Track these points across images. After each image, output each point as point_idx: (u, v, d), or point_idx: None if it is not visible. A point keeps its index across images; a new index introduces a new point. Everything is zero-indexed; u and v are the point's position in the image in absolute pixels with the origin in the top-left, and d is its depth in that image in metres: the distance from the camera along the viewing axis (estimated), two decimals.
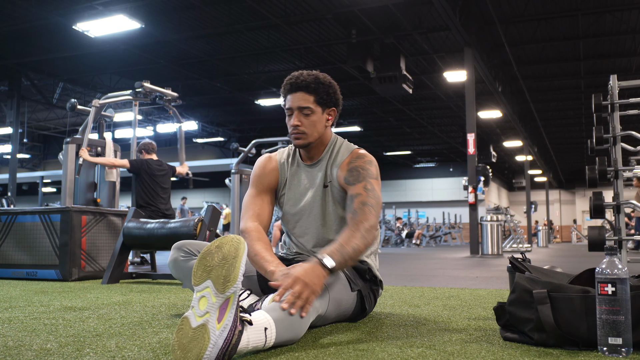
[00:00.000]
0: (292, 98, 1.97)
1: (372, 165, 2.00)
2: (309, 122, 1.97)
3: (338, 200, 2.03)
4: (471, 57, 10.84)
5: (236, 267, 1.35)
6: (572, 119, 19.46)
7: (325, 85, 1.99)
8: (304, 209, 2.07)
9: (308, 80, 1.96)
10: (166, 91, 6.71)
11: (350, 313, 1.95)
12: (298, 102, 1.96)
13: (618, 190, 4.40)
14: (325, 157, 2.06)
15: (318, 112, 1.98)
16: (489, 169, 12.58)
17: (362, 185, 1.94)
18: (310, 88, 1.95)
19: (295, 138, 1.99)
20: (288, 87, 1.98)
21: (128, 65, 13.85)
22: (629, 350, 1.37)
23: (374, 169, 2.00)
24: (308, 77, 1.97)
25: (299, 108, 1.96)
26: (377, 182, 1.99)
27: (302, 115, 1.97)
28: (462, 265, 6.52)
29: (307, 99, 1.96)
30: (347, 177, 1.97)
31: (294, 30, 11.52)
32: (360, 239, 1.82)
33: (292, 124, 1.97)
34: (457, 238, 22.71)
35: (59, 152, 6.54)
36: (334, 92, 2.01)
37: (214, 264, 1.37)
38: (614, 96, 4.51)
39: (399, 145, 24.88)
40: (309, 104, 1.96)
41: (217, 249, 1.39)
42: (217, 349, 1.31)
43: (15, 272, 4.26)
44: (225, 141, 22.72)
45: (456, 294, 3.04)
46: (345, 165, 2.01)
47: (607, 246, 1.44)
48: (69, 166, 6.06)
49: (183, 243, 1.95)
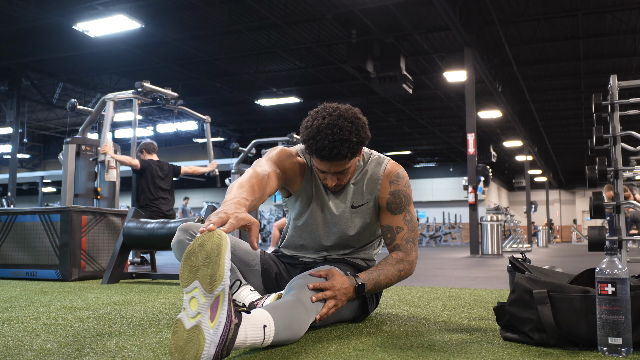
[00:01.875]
0: (327, 165, 1.83)
1: (409, 186, 2.01)
2: (345, 175, 1.89)
3: (366, 216, 2.00)
4: (471, 57, 10.84)
5: (221, 265, 1.34)
6: (572, 119, 19.47)
7: (360, 143, 1.82)
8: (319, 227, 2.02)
9: (343, 152, 1.76)
10: (166, 91, 6.72)
11: (350, 315, 1.96)
12: (335, 168, 1.84)
13: (618, 190, 4.40)
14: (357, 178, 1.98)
15: (354, 161, 1.88)
16: (489, 169, 12.59)
17: (403, 217, 1.98)
18: (347, 157, 1.80)
19: (332, 187, 1.91)
20: (319, 156, 1.79)
21: (128, 65, 13.85)
22: (629, 350, 1.37)
23: (410, 190, 2.02)
24: (342, 148, 1.75)
25: (335, 173, 1.86)
26: (412, 205, 2.03)
27: (340, 174, 1.87)
28: (462, 265, 6.52)
29: (343, 163, 1.83)
30: (390, 204, 1.96)
31: (294, 30, 11.52)
32: (396, 274, 1.93)
33: (330, 185, 1.89)
34: (457, 238, 22.70)
35: (59, 152, 6.54)
36: (366, 136, 1.84)
37: (199, 264, 1.35)
38: (614, 96, 4.51)
39: (399, 145, 24.88)
40: (346, 165, 1.84)
41: (200, 247, 1.37)
42: (214, 346, 1.31)
43: (15, 272, 4.26)
44: (225, 141, 22.72)
45: (456, 294, 3.04)
46: (387, 185, 1.96)
47: (607, 246, 1.44)
48: (69, 166, 6.07)
49: (189, 225, 1.89)
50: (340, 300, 1.76)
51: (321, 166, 1.85)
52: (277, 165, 1.89)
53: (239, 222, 1.44)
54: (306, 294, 1.69)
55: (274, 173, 1.84)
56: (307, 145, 1.80)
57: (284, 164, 1.92)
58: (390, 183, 1.97)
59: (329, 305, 1.73)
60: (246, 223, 1.46)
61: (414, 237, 1.99)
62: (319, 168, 1.87)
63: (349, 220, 1.99)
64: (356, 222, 1.99)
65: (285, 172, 1.92)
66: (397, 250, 1.97)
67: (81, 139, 6.35)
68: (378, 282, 1.89)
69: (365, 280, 1.85)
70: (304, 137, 1.81)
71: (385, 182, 1.96)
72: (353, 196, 1.97)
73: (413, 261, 1.97)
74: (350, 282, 1.81)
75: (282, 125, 19.61)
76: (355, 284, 1.82)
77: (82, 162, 6.19)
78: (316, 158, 1.82)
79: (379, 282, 1.89)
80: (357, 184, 1.98)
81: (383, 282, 1.90)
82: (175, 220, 3.87)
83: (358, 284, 1.83)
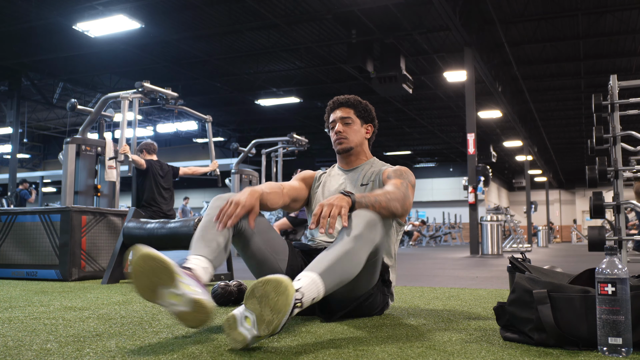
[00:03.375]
0: (336, 112, 2.30)
1: (412, 176, 2.17)
2: (350, 129, 2.27)
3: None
4: (471, 57, 10.84)
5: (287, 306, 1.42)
6: (572, 119, 19.47)
7: (363, 104, 2.32)
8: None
9: (348, 98, 2.31)
10: (166, 91, 6.71)
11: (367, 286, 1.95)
12: (340, 114, 2.27)
13: (618, 190, 4.40)
14: (366, 167, 2.30)
15: (357, 123, 2.29)
16: (489, 169, 12.59)
17: (400, 180, 2.08)
18: (350, 103, 2.29)
19: (338, 143, 2.27)
20: (331, 105, 2.32)
21: (128, 65, 13.85)
22: (629, 350, 1.37)
23: (414, 179, 2.16)
24: (349, 97, 2.31)
25: (341, 118, 2.27)
26: (413, 187, 2.12)
27: (344, 124, 2.27)
28: (462, 265, 6.52)
29: (347, 111, 2.28)
30: (390, 174, 2.14)
31: (294, 30, 11.52)
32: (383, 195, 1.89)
33: (335, 130, 2.26)
34: (457, 238, 22.71)
35: (59, 152, 6.54)
36: (370, 110, 2.34)
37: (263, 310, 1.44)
38: (614, 96, 4.51)
39: (399, 145, 24.88)
40: (350, 114, 2.28)
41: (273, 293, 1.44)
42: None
43: (15, 272, 4.26)
44: (225, 141, 22.72)
45: (456, 294, 3.04)
46: (390, 168, 2.21)
47: (607, 246, 1.44)
48: (69, 166, 6.06)
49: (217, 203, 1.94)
50: (335, 202, 1.74)
51: (332, 116, 2.31)
52: (300, 179, 2.35)
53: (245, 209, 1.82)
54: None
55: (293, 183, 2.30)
56: (327, 108, 2.35)
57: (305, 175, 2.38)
58: (394, 170, 2.19)
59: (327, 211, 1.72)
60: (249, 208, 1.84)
61: (408, 186, 2.04)
62: (330, 121, 2.31)
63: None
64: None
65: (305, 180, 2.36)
66: (389, 179, 2.10)
67: (81, 139, 6.34)
68: (366, 196, 1.85)
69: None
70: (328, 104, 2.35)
71: (389, 168, 2.23)
72: (362, 179, 2.25)
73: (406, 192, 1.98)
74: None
75: (282, 125, 19.62)
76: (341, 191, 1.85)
77: (82, 162, 6.18)
78: (331, 113, 2.32)
79: (367, 197, 1.85)
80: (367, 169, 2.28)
81: (372, 197, 1.86)
82: (175, 220, 3.87)
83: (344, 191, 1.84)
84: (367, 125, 2.33)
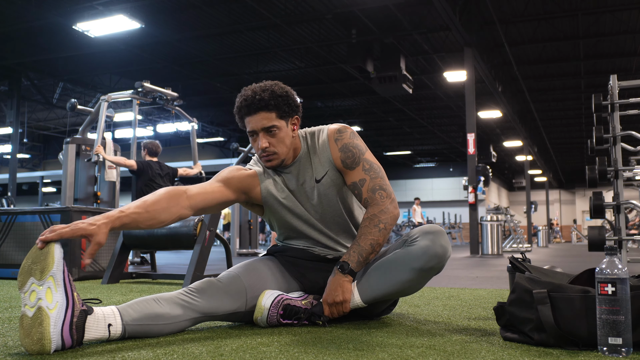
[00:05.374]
0: (253, 120, 1.86)
1: (355, 136, 1.97)
2: (277, 140, 1.88)
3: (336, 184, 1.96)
4: (471, 57, 10.83)
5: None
6: (572, 119, 19.47)
7: (283, 97, 1.87)
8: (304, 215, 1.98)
9: (265, 98, 1.83)
10: (166, 91, 6.72)
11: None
12: (261, 123, 1.85)
13: (618, 190, 4.40)
14: (303, 157, 1.97)
15: (283, 126, 1.88)
16: (489, 169, 12.59)
17: (361, 167, 1.92)
18: (270, 105, 1.84)
19: (267, 161, 1.91)
20: (245, 109, 1.86)
21: (128, 65, 13.85)
22: (629, 350, 1.37)
23: (359, 140, 1.97)
24: (264, 94, 1.84)
25: (264, 129, 1.86)
26: (369, 152, 1.96)
27: (269, 135, 1.87)
28: (462, 265, 6.52)
29: (269, 117, 1.85)
30: (344, 160, 1.93)
31: (294, 30, 11.52)
32: (378, 232, 1.85)
33: (260, 146, 1.87)
34: (457, 238, 22.69)
35: (59, 152, 6.55)
36: (292, 100, 1.91)
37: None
38: (614, 96, 4.51)
39: (399, 145, 24.89)
40: (273, 121, 1.86)
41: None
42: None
43: (15, 272, 4.25)
44: (225, 141, 22.73)
45: (456, 294, 3.04)
46: (334, 144, 1.94)
47: (607, 246, 1.44)
48: (69, 166, 6.07)
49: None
50: (337, 298, 1.81)
51: (249, 125, 1.88)
52: (221, 180, 1.92)
53: (73, 232, 1.50)
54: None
55: (216, 186, 1.90)
56: (236, 108, 1.89)
57: (232, 174, 1.95)
58: (335, 141, 1.95)
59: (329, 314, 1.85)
60: (84, 234, 1.51)
61: (381, 183, 1.90)
62: (248, 131, 1.89)
63: (322, 195, 1.95)
64: (330, 194, 1.95)
65: (231, 182, 1.93)
66: (367, 206, 1.89)
67: (81, 139, 6.35)
68: (361, 250, 1.83)
69: (346, 258, 1.83)
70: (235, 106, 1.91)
71: (332, 143, 1.95)
72: (315, 172, 1.96)
73: (387, 208, 1.87)
74: (335, 273, 1.84)
75: None
76: (339, 269, 1.82)
77: (82, 162, 6.19)
78: (245, 118, 1.88)
79: (363, 249, 1.83)
80: (312, 158, 1.97)
81: (366, 246, 1.83)
82: None
83: (341, 266, 1.82)
84: (293, 119, 1.93)
